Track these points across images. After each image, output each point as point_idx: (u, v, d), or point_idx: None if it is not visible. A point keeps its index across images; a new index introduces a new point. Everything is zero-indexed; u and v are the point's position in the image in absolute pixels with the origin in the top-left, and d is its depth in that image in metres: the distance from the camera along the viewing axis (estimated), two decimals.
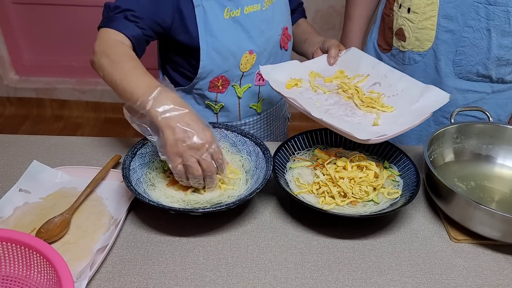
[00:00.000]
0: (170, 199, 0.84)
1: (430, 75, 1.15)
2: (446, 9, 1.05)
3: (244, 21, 1.01)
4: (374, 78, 1.04)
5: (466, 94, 1.13)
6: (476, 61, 1.08)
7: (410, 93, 0.97)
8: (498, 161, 0.99)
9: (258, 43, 1.05)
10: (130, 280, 0.73)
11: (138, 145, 0.92)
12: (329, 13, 2.42)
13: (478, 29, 1.04)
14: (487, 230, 0.79)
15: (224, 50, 1.01)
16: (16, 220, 0.83)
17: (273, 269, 0.76)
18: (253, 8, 1.01)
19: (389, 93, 0.99)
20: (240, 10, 0.99)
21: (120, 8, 0.91)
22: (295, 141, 0.99)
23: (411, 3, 1.10)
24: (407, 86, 0.99)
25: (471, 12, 1.03)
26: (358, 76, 1.05)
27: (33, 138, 1.07)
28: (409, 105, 0.95)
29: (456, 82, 1.13)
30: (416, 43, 1.13)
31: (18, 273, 0.64)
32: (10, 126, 2.71)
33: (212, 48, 1.00)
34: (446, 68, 1.12)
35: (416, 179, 0.87)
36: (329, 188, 0.86)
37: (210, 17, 0.97)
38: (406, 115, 0.92)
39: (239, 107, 1.13)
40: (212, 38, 0.99)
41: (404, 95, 0.97)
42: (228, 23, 0.99)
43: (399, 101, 0.97)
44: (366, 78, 1.04)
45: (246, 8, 1.00)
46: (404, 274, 0.76)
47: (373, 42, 1.28)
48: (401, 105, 0.96)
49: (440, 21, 1.07)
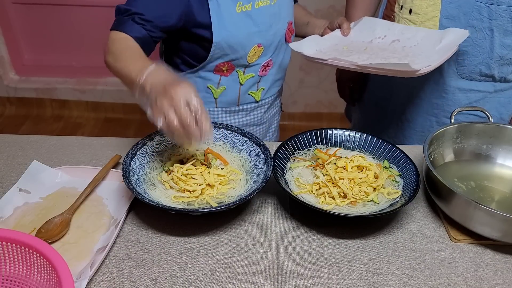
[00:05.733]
0: (170, 199, 0.84)
1: (433, 75, 1.14)
2: (448, 10, 1.05)
3: (255, 15, 1.04)
4: (391, 37, 1.10)
5: (468, 94, 1.13)
6: (479, 60, 1.08)
7: (430, 38, 1.04)
8: (498, 161, 0.99)
9: (266, 37, 1.07)
10: (130, 280, 0.73)
11: (138, 145, 0.92)
12: (329, 13, 2.42)
13: (481, 28, 1.04)
14: (487, 230, 0.79)
15: (235, 43, 1.04)
16: (16, 220, 0.83)
17: (273, 269, 0.76)
18: (263, 3, 1.04)
19: (411, 44, 1.05)
20: (251, 5, 1.02)
21: (129, 11, 0.94)
22: (295, 141, 0.99)
23: (412, 4, 1.10)
24: (425, 35, 1.06)
25: (473, 12, 1.03)
26: (377, 39, 1.11)
27: (33, 138, 1.07)
28: (433, 47, 1.01)
29: (458, 82, 1.12)
30: None
31: (18, 273, 0.64)
32: (10, 126, 2.71)
33: (224, 41, 1.02)
34: (449, 69, 1.11)
35: (416, 179, 0.87)
36: (329, 188, 0.86)
37: (224, 10, 1.00)
38: (433, 55, 0.98)
39: (239, 93, 1.15)
40: (225, 31, 1.01)
41: (425, 42, 1.04)
42: (240, 17, 1.02)
43: (422, 46, 1.03)
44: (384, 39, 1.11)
45: (257, 3, 1.03)
46: (404, 274, 0.76)
47: None
48: (426, 49, 1.02)
49: (442, 22, 1.07)
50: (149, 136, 0.95)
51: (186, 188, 0.85)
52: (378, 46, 1.08)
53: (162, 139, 0.96)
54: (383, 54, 1.04)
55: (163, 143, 0.96)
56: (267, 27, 1.06)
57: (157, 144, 0.95)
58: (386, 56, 1.02)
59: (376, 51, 1.06)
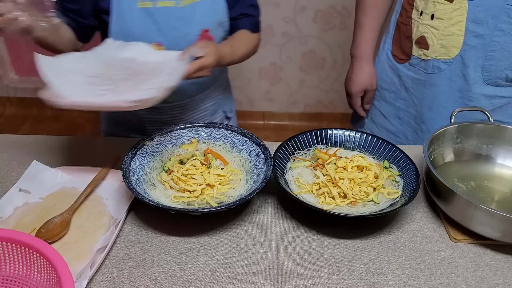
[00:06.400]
0: (170, 199, 0.84)
1: (456, 83, 1.11)
2: (475, 13, 1.01)
3: (156, 13, 1.03)
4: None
5: (492, 100, 1.10)
6: (506, 65, 1.04)
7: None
8: (498, 161, 0.99)
9: (168, 38, 1.06)
10: (130, 280, 0.73)
11: (138, 145, 0.92)
12: (329, 13, 2.42)
13: (510, 32, 1.00)
14: (487, 230, 0.79)
15: (132, 37, 1.03)
16: (16, 220, 0.83)
17: (273, 269, 0.76)
18: (167, 3, 1.03)
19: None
20: (153, 3, 1.02)
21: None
22: (295, 141, 0.99)
23: (435, 9, 1.06)
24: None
25: (502, 15, 0.99)
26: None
27: (33, 138, 1.07)
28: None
29: (484, 88, 1.09)
30: (442, 51, 1.09)
31: (18, 273, 0.64)
32: (10, 126, 2.71)
33: (121, 32, 1.03)
34: (475, 75, 1.07)
35: (416, 179, 0.87)
36: (329, 188, 0.86)
37: (124, 2, 1.01)
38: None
39: None
40: (122, 23, 1.03)
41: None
42: (139, 12, 1.02)
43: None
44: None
45: (159, 2, 1.03)
46: (404, 274, 0.76)
47: (386, 53, 1.23)
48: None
49: (468, 26, 1.03)
50: (149, 136, 0.95)
51: (186, 188, 0.85)
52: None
53: (162, 139, 0.96)
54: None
55: (163, 143, 0.96)
56: (170, 28, 1.05)
57: (157, 144, 0.95)
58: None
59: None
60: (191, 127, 1.00)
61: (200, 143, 0.98)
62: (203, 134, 1.00)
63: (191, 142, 0.98)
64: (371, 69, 1.25)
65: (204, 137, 0.99)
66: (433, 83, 1.03)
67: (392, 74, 1.23)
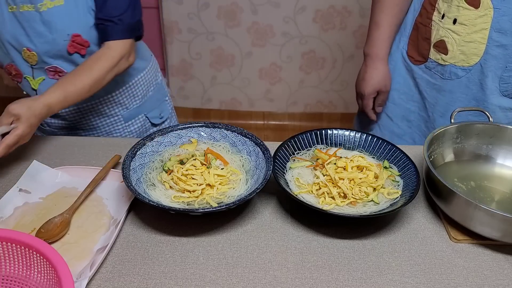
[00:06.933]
0: (170, 199, 0.84)
1: (472, 92, 1.08)
2: (500, 22, 0.98)
3: (21, 18, 1.03)
4: None
5: (508, 113, 1.07)
6: None
7: None
8: (498, 161, 0.99)
9: (36, 44, 1.05)
10: (130, 280, 0.73)
11: (138, 145, 0.92)
12: (329, 13, 2.42)
13: None
14: (487, 230, 0.79)
15: (5, 41, 1.05)
16: (16, 220, 0.83)
17: (273, 269, 0.76)
18: (27, 8, 1.02)
19: None
20: (17, 7, 1.02)
21: None
22: (295, 141, 0.99)
23: (458, 14, 1.02)
24: None
25: None
26: None
27: (33, 138, 1.07)
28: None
29: (500, 100, 1.06)
30: (461, 57, 1.06)
31: (18, 273, 0.64)
32: None
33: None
34: (492, 85, 1.04)
35: (416, 179, 0.87)
36: (329, 188, 0.86)
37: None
38: None
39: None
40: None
41: None
42: (10, 17, 1.04)
43: None
44: None
45: (21, 6, 1.03)
46: (404, 274, 0.76)
47: (401, 52, 1.19)
48: None
49: (492, 35, 1.00)
50: (149, 136, 0.95)
51: (186, 188, 0.85)
52: None
53: (162, 139, 0.96)
54: None
55: (163, 143, 0.96)
56: (36, 33, 1.04)
57: (157, 144, 0.95)
58: None
59: None
60: (191, 127, 1.00)
61: (200, 143, 0.98)
62: (203, 134, 1.00)
63: (191, 142, 0.98)
64: (386, 70, 1.19)
65: (204, 137, 0.99)
66: (449, 90, 1.01)
67: (406, 75, 1.19)
